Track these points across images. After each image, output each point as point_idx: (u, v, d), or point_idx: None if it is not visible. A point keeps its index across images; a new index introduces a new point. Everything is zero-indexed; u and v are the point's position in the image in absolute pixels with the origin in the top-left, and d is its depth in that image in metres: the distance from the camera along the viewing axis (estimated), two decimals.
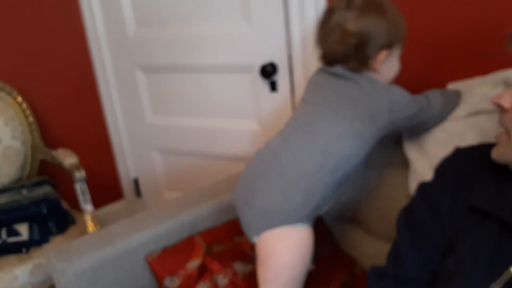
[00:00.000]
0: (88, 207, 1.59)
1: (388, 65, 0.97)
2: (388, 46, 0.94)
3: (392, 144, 1.13)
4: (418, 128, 1.02)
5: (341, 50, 0.94)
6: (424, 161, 1.00)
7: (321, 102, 0.98)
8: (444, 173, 0.81)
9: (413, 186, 1.00)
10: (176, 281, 1.11)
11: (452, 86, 1.11)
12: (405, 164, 1.07)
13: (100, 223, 1.77)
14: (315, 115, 0.97)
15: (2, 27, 1.79)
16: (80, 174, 1.59)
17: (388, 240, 1.00)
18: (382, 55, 0.94)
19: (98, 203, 2.13)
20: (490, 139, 0.84)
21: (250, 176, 1.01)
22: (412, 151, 1.04)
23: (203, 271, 1.13)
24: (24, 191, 1.61)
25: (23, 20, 1.84)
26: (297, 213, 0.94)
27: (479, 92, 1.00)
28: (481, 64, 1.11)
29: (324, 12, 0.98)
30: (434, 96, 1.01)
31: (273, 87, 1.59)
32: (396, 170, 1.09)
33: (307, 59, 1.49)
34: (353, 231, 1.19)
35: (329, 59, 0.99)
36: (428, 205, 0.80)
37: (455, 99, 1.03)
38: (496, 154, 0.74)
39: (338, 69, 0.97)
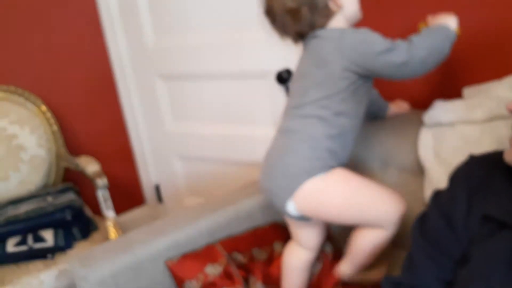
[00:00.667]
0: (110, 213, 1.63)
1: None
2: None
3: (407, 151, 1.13)
4: (403, 68, 0.92)
5: (303, 25, 0.98)
6: (439, 168, 0.99)
7: (297, 68, 1.05)
8: (458, 181, 0.81)
9: (428, 194, 1.00)
10: (195, 285, 1.13)
11: (468, 90, 1.10)
12: (420, 171, 1.07)
13: (123, 228, 1.81)
14: (294, 80, 1.05)
15: (28, 40, 1.86)
16: (102, 181, 1.63)
17: (403, 248, 1.00)
18: None
19: (120, 208, 2.18)
20: (507, 145, 0.82)
21: (267, 156, 1.08)
22: (427, 158, 1.03)
23: (225, 279, 1.14)
24: (50, 198, 1.66)
25: (47, 33, 1.90)
26: (313, 164, 0.97)
27: (497, 95, 0.99)
28: (497, 68, 1.09)
29: (263, 7, 1.03)
30: (419, 36, 0.94)
31: None
32: (412, 177, 1.08)
33: None
34: None
35: (300, 36, 1.02)
36: (442, 214, 0.79)
37: (444, 34, 0.95)
38: (509, 157, 0.74)
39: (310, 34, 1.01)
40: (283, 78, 1.56)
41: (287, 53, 1.56)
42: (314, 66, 0.98)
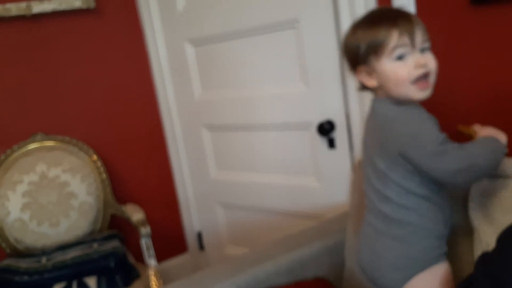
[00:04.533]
0: (152, 262, 1.65)
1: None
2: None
3: (458, 210, 1.07)
4: (457, 176, 0.88)
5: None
6: (489, 229, 0.93)
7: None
8: (508, 242, 0.75)
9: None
10: None
11: None
12: (471, 232, 1.01)
13: (164, 276, 1.82)
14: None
15: (84, 95, 1.99)
16: (145, 230, 1.66)
17: None
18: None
19: (163, 255, 2.19)
20: None
21: (362, 243, 1.05)
22: (477, 218, 0.97)
23: None
24: (95, 245, 1.71)
25: (102, 88, 2.03)
26: (421, 256, 0.94)
27: None
28: None
29: None
30: (476, 145, 0.92)
31: (331, 144, 1.59)
32: (461, 238, 1.03)
33: (364, 116, 1.48)
34: None
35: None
36: (489, 278, 0.74)
37: (499, 147, 0.93)
38: None
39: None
40: (325, 129, 1.56)
41: (328, 105, 1.57)
42: (373, 148, 0.97)
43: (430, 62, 0.91)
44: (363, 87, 0.99)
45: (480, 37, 1.19)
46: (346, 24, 1.45)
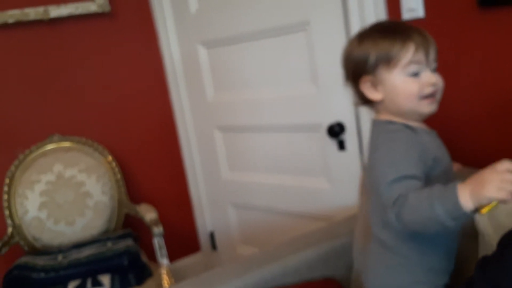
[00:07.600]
0: (164, 261, 1.68)
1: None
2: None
3: None
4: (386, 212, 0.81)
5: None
6: (495, 233, 0.93)
7: None
8: (508, 246, 0.75)
9: None
10: None
11: None
12: (476, 235, 1.01)
13: (177, 275, 1.85)
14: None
15: (99, 96, 2.03)
16: (158, 230, 1.69)
17: None
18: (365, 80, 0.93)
19: (176, 254, 2.23)
20: None
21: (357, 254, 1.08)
22: (482, 221, 0.97)
23: None
24: (109, 244, 1.75)
25: (117, 90, 2.07)
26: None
27: None
28: None
29: None
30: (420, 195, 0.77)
31: (341, 146, 1.60)
32: (467, 242, 1.02)
33: None
34: None
35: None
36: (489, 282, 0.74)
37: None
38: None
39: None
40: (335, 131, 1.57)
41: (338, 107, 1.58)
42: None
43: (439, 81, 0.90)
44: (363, 101, 0.96)
45: (488, 40, 1.19)
46: (355, 26, 1.46)
